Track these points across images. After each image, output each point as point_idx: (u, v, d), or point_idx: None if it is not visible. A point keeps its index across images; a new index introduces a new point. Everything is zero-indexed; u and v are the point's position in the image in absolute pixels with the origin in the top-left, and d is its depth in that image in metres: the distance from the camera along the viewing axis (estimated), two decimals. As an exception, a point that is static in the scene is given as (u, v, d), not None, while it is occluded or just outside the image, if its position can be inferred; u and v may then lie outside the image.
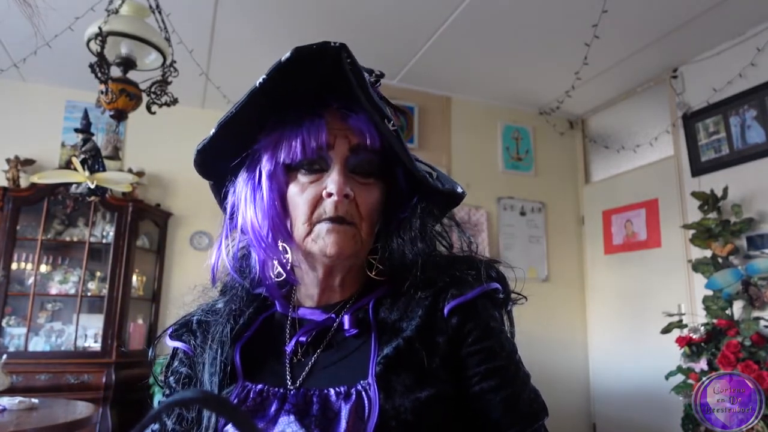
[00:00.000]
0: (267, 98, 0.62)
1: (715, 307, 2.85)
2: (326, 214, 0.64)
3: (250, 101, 0.61)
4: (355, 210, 0.65)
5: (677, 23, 2.96)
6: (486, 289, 0.66)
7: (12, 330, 3.33)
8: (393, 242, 0.68)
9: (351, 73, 0.59)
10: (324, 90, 0.65)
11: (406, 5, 2.85)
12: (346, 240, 0.64)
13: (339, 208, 0.63)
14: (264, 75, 0.60)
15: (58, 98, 3.75)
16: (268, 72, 0.59)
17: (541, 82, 3.72)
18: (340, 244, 0.64)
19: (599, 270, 3.99)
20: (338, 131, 0.65)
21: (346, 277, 0.70)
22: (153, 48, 2.17)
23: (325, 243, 0.64)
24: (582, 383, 3.96)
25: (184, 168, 3.93)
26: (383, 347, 0.63)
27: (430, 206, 0.69)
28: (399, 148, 0.63)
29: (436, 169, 0.71)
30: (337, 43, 0.58)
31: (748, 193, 2.95)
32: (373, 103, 0.61)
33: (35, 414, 2.11)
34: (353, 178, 0.66)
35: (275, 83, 0.61)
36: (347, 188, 0.63)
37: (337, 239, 0.63)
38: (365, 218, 0.66)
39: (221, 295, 0.76)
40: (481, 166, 4.00)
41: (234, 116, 0.63)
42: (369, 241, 0.68)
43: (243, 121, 0.64)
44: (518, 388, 0.64)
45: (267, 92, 0.61)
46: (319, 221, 0.64)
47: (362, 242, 0.66)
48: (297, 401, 0.62)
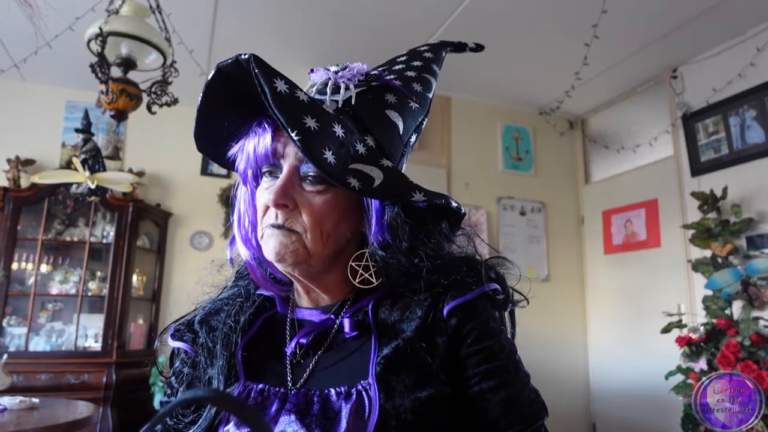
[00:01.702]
0: (224, 111, 0.65)
1: (714, 307, 2.85)
2: (269, 221, 0.66)
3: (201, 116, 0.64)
4: (298, 219, 0.64)
5: (677, 23, 2.96)
6: (485, 290, 0.66)
7: (13, 330, 3.33)
8: (375, 250, 0.66)
9: (258, 82, 0.58)
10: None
11: (406, 5, 2.85)
12: (284, 246, 0.64)
13: (279, 217, 0.65)
14: (200, 95, 0.63)
15: (58, 98, 3.75)
16: (202, 93, 0.62)
17: (541, 82, 3.73)
18: (279, 250, 0.64)
19: (599, 270, 3.99)
20: (287, 139, 0.65)
21: (320, 283, 0.70)
22: (153, 48, 2.17)
23: (266, 248, 0.66)
24: (582, 383, 3.96)
25: (184, 168, 3.94)
26: (383, 348, 0.63)
27: (419, 214, 0.66)
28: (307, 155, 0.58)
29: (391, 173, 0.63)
30: (247, 55, 0.59)
31: (747, 193, 2.96)
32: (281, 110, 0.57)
33: (36, 414, 2.11)
34: (301, 186, 0.65)
35: (212, 100, 0.63)
36: (282, 197, 0.63)
37: (275, 245, 0.64)
38: (311, 227, 0.64)
39: (235, 278, 0.78)
40: (481, 166, 4.01)
41: (197, 131, 0.66)
42: (323, 248, 0.65)
43: (214, 129, 0.67)
44: (518, 388, 0.64)
45: (211, 108, 0.64)
46: (266, 226, 0.66)
47: (308, 249, 0.65)
48: (298, 401, 0.62)
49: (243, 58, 0.59)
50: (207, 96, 0.63)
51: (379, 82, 0.70)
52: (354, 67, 0.70)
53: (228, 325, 0.71)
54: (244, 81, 0.60)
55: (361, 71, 0.70)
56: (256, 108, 0.64)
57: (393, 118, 0.69)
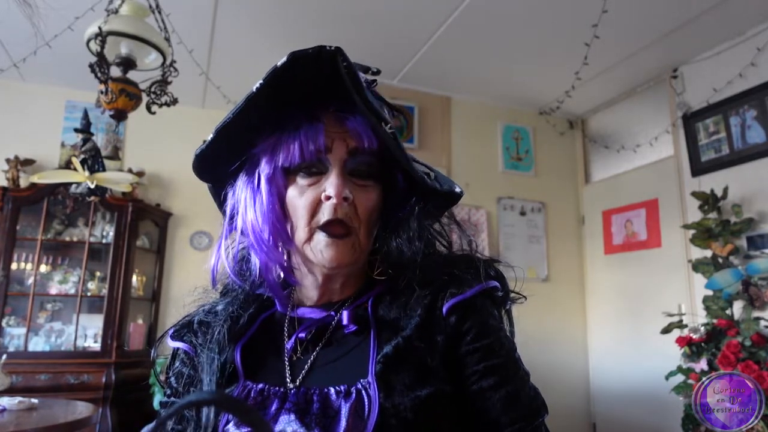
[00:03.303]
0: (265, 102, 0.63)
1: (715, 307, 2.85)
2: (325, 217, 0.64)
3: (248, 106, 0.61)
4: (353, 213, 0.65)
5: (677, 23, 2.96)
6: (484, 288, 0.66)
7: (12, 330, 3.33)
8: (391, 242, 0.68)
9: (347, 76, 0.59)
10: (322, 93, 0.65)
11: (406, 5, 2.85)
12: (345, 252, 0.65)
13: (338, 211, 0.64)
14: (261, 80, 0.60)
15: (58, 98, 3.75)
16: (265, 77, 0.59)
17: (541, 82, 3.72)
18: (339, 257, 0.64)
19: (599, 270, 3.99)
20: (336, 134, 0.65)
21: (346, 280, 0.70)
22: (153, 48, 2.17)
23: (323, 257, 0.64)
24: (582, 383, 3.96)
25: (184, 168, 3.93)
26: (383, 345, 0.63)
27: (428, 206, 0.69)
28: (396, 150, 0.63)
29: (433, 170, 0.71)
30: (333, 47, 0.58)
31: (748, 193, 2.95)
32: (370, 106, 0.61)
33: (35, 414, 2.11)
34: (351, 181, 0.66)
35: (272, 88, 0.61)
36: (346, 191, 0.63)
37: (335, 254, 0.64)
38: (363, 222, 0.66)
39: (222, 297, 0.76)
40: (481, 166, 4.01)
41: (231, 121, 0.63)
42: (367, 245, 0.68)
43: (241, 126, 0.64)
44: (518, 386, 0.64)
45: (264, 97, 0.61)
46: (318, 228, 0.65)
47: (360, 249, 0.67)
48: (297, 400, 0.62)
49: (329, 50, 0.58)
50: (269, 84, 0.59)
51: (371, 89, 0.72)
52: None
53: (226, 326, 0.70)
54: (312, 74, 0.60)
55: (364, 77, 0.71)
56: (288, 103, 0.64)
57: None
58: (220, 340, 0.69)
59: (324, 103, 0.66)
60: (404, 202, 0.70)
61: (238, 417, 0.49)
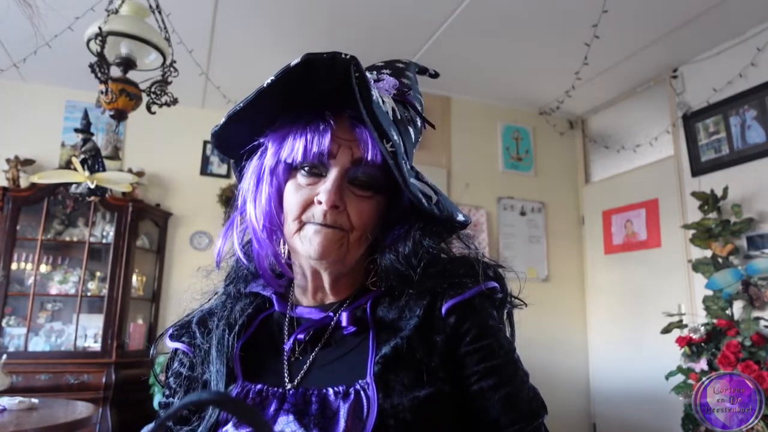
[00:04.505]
0: (277, 96, 0.62)
1: (715, 307, 2.85)
2: (314, 219, 0.65)
3: (257, 99, 0.61)
4: (345, 219, 0.65)
5: (677, 23, 2.96)
6: (483, 289, 0.66)
7: (12, 330, 3.33)
8: (386, 256, 0.68)
9: (357, 87, 0.59)
10: (338, 95, 0.64)
11: (406, 5, 2.85)
12: (332, 243, 0.65)
13: (327, 217, 0.64)
14: (273, 76, 0.60)
15: (58, 98, 3.75)
16: (277, 74, 0.59)
17: (541, 82, 3.72)
18: (325, 246, 0.64)
19: (599, 270, 3.99)
20: (343, 141, 0.65)
21: (338, 282, 0.70)
22: (153, 48, 2.16)
23: (311, 245, 0.65)
24: (582, 383, 3.96)
25: (184, 168, 3.94)
26: (381, 346, 0.63)
27: (429, 227, 0.68)
28: (394, 168, 0.61)
29: (440, 194, 0.69)
30: (348, 56, 0.58)
31: (748, 193, 2.95)
32: (375, 120, 0.60)
33: (35, 414, 2.11)
34: (350, 189, 0.66)
35: (282, 86, 0.61)
36: (337, 199, 0.63)
37: (322, 241, 0.64)
38: (357, 227, 0.66)
39: (224, 287, 0.77)
40: (481, 166, 4.00)
41: (242, 110, 0.63)
42: (358, 249, 0.68)
43: (253, 115, 0.65)
44: (517, 386, 0.64)
45: (275, 92, 0.61)
46: (308, 222, 0.65)
47: (349, 248, 0.66)
48: (296, 401, 0.62)
49: (344, 57, 0.58)
50: (280, 80, 0.60)
51: (404, 98, 0.72)
52: (390, 80, 0.72)
53: (225, 326, 0.70)
54: (325, 77, 0.60)
55: (395, 85, 0.72)
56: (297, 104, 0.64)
57: (412, 133, 0.72)
58: (219, 340, 0.69)
59: (341, 105, 0.65)
60: (406, 219, 0.70)
61: (238, 417, 0.49)
